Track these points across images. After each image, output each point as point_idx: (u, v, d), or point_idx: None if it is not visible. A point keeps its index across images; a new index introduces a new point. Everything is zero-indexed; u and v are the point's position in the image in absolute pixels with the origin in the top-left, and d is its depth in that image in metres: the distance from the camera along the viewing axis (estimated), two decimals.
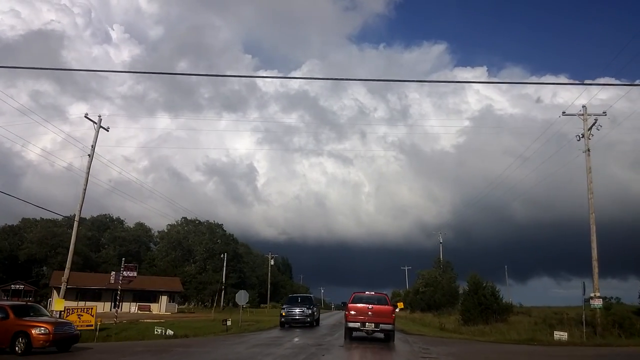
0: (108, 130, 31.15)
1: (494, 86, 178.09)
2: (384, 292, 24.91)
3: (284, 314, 29.48)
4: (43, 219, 71.43)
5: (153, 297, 58.11)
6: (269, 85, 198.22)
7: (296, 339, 20.86)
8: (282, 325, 29.41)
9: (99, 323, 23.36)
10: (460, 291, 48.46)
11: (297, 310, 29.12)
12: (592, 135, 28.30)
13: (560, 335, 23.45)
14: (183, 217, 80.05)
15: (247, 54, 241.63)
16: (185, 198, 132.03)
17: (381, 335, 21.46)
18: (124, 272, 34.46)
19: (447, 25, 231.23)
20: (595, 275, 26.18)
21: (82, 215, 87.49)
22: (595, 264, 26.33)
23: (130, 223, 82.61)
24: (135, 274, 37.43)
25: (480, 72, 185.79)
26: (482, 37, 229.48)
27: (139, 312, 54.43)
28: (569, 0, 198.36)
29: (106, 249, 74.91)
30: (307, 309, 29.26)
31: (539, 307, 48.87)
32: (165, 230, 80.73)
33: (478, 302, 33.19)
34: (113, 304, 57.52)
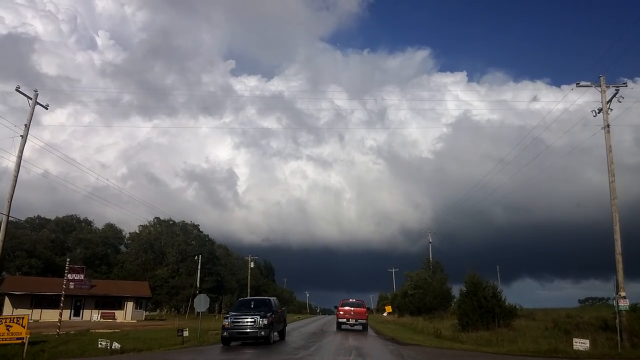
0: (47, 108, 27.45)
1: (474, 91, 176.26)
2: (362, 299, 36.23)
3: (226, 325, 20.77)
4: None
5: (118, 303, 52.79)
6: (246, 89, 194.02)
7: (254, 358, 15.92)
8: (225, 341, 20.91)
9: (28, 335, 19.23)
10: (454, 293, 44.90)
11: (247, 320, 20.49)
12: (611, 109, 24.48)
13: (582, 343, 19.41)
14: (156, 217, 74.46)
15: (228, 59, 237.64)
16: (166, 205, 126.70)
17: (360, 327, 32.63)
18: (69, 275, 29.45)
19: (430, 30, 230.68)
20: (620, 272, 22.21)
21: (47, 217, 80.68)
22: (619, 257, 22.36)
23: (100, 225, 76.82)
24: (82, 276, 32.47)
25: (460, 77, 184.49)
26: (463, 42, 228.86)
27: (102, 320, 49.31)
28: (550, 7, 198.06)
29: (72, 252, 69.11)
30: (261, 317, 20.52)
31: (541, 309, 44.91)
32: (137, 232, 74.90)
33: (478, 304, 29.39)
34: (73, 311, 52.67)
